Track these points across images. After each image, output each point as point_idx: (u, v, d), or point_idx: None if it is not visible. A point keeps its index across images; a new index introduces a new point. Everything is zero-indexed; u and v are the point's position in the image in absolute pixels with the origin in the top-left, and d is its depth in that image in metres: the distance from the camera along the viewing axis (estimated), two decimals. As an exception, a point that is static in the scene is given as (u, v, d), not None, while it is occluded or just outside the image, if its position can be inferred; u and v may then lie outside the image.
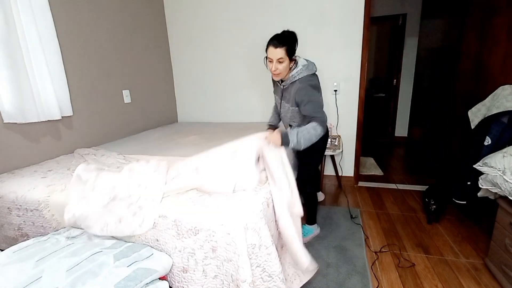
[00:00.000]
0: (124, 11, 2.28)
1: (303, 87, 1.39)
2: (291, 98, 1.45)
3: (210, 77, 2.93)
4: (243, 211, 0.95)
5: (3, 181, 1.34)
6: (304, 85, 1.40)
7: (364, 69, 2.45)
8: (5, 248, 1.16)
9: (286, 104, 1.52)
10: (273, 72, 1.41)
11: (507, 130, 1.73)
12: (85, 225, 1.05)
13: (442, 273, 1.49)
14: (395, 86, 4.42)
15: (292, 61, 1.41)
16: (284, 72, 1.41)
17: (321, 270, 1.52)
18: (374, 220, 2.06)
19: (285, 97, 1.50)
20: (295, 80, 1.43)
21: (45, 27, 1.58)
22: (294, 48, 1.39)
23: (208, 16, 2.75)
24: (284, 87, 1.51)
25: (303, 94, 1.38)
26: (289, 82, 1.45)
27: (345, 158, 2.71)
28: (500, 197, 1.44)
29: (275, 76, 1.44)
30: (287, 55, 1.36)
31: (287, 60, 1.37)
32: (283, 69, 1.39)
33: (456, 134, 2.31)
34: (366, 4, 2.31)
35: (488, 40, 2.00)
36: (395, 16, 4.17)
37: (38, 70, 1.55)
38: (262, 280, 0.95)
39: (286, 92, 1.50)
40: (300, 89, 1.40)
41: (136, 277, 0.83)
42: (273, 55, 1.36)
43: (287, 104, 1.50)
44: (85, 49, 1.94)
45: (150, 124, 2.67)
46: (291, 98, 1.45)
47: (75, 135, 1.90)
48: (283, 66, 1.37)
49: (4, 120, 1.46)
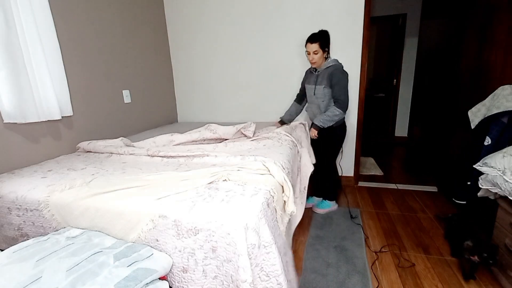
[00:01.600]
0: (124, 11, 2.28)
1: (336, 69, 1.82)
2: (325, 79, 1.84)
3: (210, 77, 2.93)
4: (243, 211, 0.95)
5: (3, 181, 1.34)
6: (337, 68, 1.83)
7: (364, 69, 2.45)
8: (5, 248, 1.16)
9: (319, 87, 1.89)
10: (311, 61, 1.88)
11: (507, 130, 1.73)
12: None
13: (442, 273, 1.49)
14: (395, 86, 4.42)
15: (325, 52, 1.84)
16: (319, 61, 1.86)
17: (321, 270, 1.53)
18: (374, 220, 2.06)
19: (319, 81, 1.89)
20: (329, 66, 1.85)
21: (45, 27, 1.58)
22: (325, 42, 1.82)
23: (208, 16, 2.75)
24: (318, 73, 1.92)
25: (337, 76, 1.80)
26: (323, 68, 1.88)
27: (345, 158, 2.71)
28: (500, 197, 1.44)
29: (312, 64, 1.90)
30: (320, 48, 1.81)
31: (320, 52, 1.82)
32: (318, 58, 1.85)
33: (456, 134, 2.31)
34: (366, 4, 2.32)
35: (488, 40, 2.00)
36: (395, 16, 4.17)
37: (38, 70, 1.55)
38: (260, 279, 0.95)
39: (320, 77, 1.90)
40: (334, 71, 1.82)
41: (136, 277, 0.83)
42: (310, 49, 1.83)
43: (321, 86, 1.88)
44: (85, 49, 1.94)
45: (150, 124, 2.67)
46: (325, 79, 1.84)
47: (75, 135, 1.90)
48: (318, 56, 1.84)
49: (4, 120, 1.46)
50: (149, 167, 1.44)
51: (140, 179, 1.23)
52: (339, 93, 1.81)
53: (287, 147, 1.66)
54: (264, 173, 1.24)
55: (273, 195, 1.12)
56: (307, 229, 1.96)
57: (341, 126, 1.99)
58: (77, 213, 1.13)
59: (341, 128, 1.99)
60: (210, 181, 1.17)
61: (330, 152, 2.09)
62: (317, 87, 1.89)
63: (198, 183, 1.15)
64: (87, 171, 1.41)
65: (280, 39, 2.59)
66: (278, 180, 1.21)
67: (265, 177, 1.20)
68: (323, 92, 1.87)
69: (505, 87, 1.80)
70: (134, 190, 1.14)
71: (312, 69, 1.97)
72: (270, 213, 1.07)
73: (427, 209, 2.19)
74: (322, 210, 2.19)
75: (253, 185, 1.12)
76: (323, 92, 1.87)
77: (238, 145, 1.70)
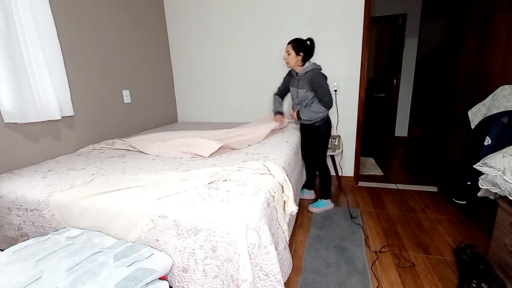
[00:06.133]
0: (124, 11, 2.28)
1: (315, 74, 1.92)
2: (306, 84, 1.95)
3: (210, 77, 2.93)
4: (243, 211, 0.95)
5: (3, 181, 1.34)
6: (315, 72, 1.93)
7: (364, 69, 2.45)
8: (5, 248, 1.16)
9: (301, 90, 1.99)
10: (284, 59, 1.99)
11: (507, 130, 1.73)
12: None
13: (442, 273, 1.49)
14: (395, 86, 4.42)
15: (298, 56, 1.92)
16: (291, 62, 1.96)
17: (321, 270, 1.53)
18: (374, 220, 2.06)
19: (301, 85, 1.99)
20: (308, 70, 1.95)
21: (46, 27, 1.58)
22: (299, 47, 1.92)
23: (208, 16, 2.75)
24: (299, 77, 2.00)
25: (316, 80, 1.90)
26: (303, 73, 1.97)
27: (345, 158, 2.72)
28: (500, 197, 1.44)
29: (286, 64, 2.00)
30: (293, 49, 1.92)
31: (293, 53, 1.92)
32: (290, 59, 1.95)
33: (456, 134, 2.31)
34: (366, 4, 2.32)
35: (488, 40, 2.00)
36: (395, 16, 4.17)
37: (38, 70, 1.55)
38: (258, 278, 0.95)
39: (301, 81, 1.99)
40: (313, 76, 1.92)
41: (136, 277, 0.83)
42: (286, 48, 1.97)
43: (302, 90, 1.98)
44: (86, 49, 1.94)
45: (150, 124, 2.67)
46: (306, 84, 1.95)
47: (75, 135, 1.90)
48: (290, 57, 1.94)
49: (4, 120, 1.46)
50: (149, 167, 1.44)
51: (140, 179, 1.23)
52: (323, 94, 1.91)
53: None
54: (264, 173, 1.24)
55: (273, 195, 1.12)
56: (307, 229, 1.96)
57: (326, 123, 2.08)
58: (77, 213, 1.13)
59: (325, 125, 2.08)
60: (210, 181, 1.17)
61: (317, 150, 2.16)
62: (299, 91, 2.01)
63: (198, 183, 1.15)
64: (87, 171, 1.41)
65: (280, 39, 2.59)
66: (278, 180, 1.22)
67: (265, 177, 1.20)
68: (305, 95, 1.98)
69: (505, 87, 1.80)
70: (134, 190, 1.14)
71: (293, 72, 2.06)
72: (270, 213, 1.07)
73: (427, 209, 2.19)
74: (317, 209, 2.22)
75: (253, 185, 1.12)
76: (305, 95, 1.98)
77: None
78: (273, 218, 1.11)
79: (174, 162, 1.51)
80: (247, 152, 1.64)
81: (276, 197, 1.14)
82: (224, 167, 1.28)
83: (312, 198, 2.44)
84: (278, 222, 1.16)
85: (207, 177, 1.20)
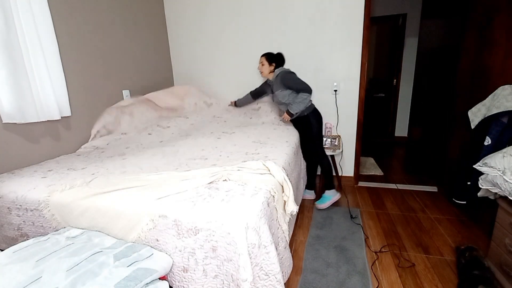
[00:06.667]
0: (124, 11, 2.28)
1: (282, 73, 2.12)
2: (278, 85, 2.13)
3: (210, 77, 2.93)
4: (243, 210, 0.95)
5: (3, 181, 1.34)
6: (282, 72, 2.13)
7: (364, 69, 2.45)
8: (5, 248, 1.16)
9: (277, 92, 2.16)
10: (258, 69, 2.24)
11: (507, 130, 1.73)
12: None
13: (442, 273, 1.49)
14: (395, 86, 4.42)
15: (271, 66, 2.18)
16: (265, 72, 2.21)
17: (321, 270, 1.53)
18: (374, 220, 2.06)
19: (275, 88, 2.17)
20: (277, 75, 2.15)
21: (45, 27, 1.58)
22: (270, 59, 2.17)
23: (208, 16, 2.75)
24: (272, 84, 2.23)
25: (285, 77, 2.10)
26: (274, 78, 2.19)
27: (345, 158, 2.72)
28: (500, 197, 1.44)
29: (260, 73, 2.26)
30: (266, 60, 2.17)
31: (266, 64, 2.18)
32: (263, 69, 2.20)
33: (456, 134, 2.31)
34: (366, 4, 2.32)
35: (488, 40, 2.00)
36: (395, 16, 4.17)
37: (37, 70, 1.55)
38: (259, 278, 0.95)
39: (274, 86, 2.19)
40: (282, 76, 2.11)
41: (136, 277, 0.83)
42: (260, 60, 2.22)
43: (277, 90, 2.15)
44: (85, 49, 1.94)
45: (150, 124, 2.67)
46: (278, 85, 2.13)
47: (75, 135, 1.90)
48: (264, 67, 2.19)
49: (3, 120, 1.46)
50: (149, 167, 1.44)
51: (140, 179, 1.23)
52: (297, 85, 2.06)
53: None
54: (264, 173, 1.24)
55: (273, 195, 1.12)
56: (307, 229, 1.96)
57: (313, 112, 2.16)
58: (77, 213, 1.13)
59: (313, 114, 2.16)
60: (210, 181, 1.17)
61: (312, 141, 2.22)
62: (275, 93, 2.18)
63: (198, 183, 1.15)
64: (87, 171, 1.41)
65: (280, 39, 2.59)
66: (278, 180, 1.22)
67: (265, 177, 1.20)
68: (282, 94, 2.13)
69: (505, 87, 1.80)
70: (134, 190, 1.14)
71: (268, 81, 2.30)
72: (270, 213, 1.07)
73: (427, 209, 2.19)
74: (324, 204, 2.22)
75: (253, 185, 1.12)
76: (282, 94, 2.13)
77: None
78: (273, 218, 1.11)
79: (174, 162, 1.51)
80: (247, 152, 1.64)
81: (276, 197, 1.14)
82: (224, 167, 1.28)
83: (312, 198, 2.43)
84: (278, 222, 1.16)
85: (207, 177, 1.19)
